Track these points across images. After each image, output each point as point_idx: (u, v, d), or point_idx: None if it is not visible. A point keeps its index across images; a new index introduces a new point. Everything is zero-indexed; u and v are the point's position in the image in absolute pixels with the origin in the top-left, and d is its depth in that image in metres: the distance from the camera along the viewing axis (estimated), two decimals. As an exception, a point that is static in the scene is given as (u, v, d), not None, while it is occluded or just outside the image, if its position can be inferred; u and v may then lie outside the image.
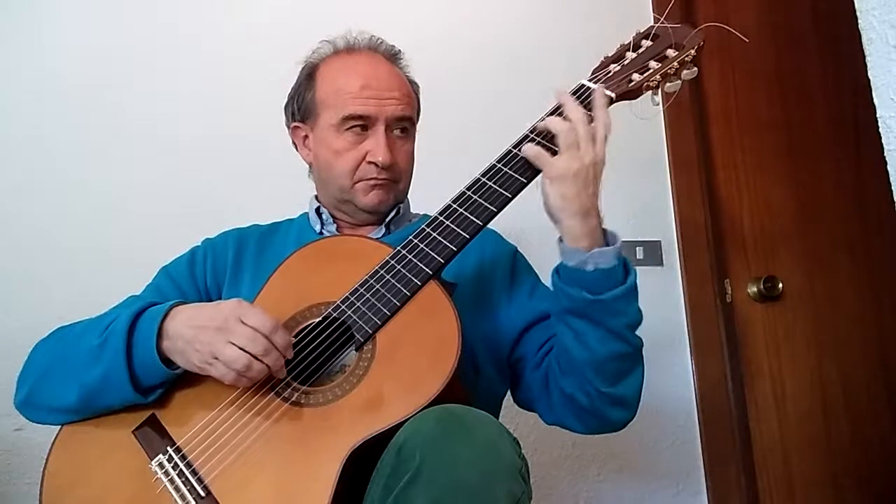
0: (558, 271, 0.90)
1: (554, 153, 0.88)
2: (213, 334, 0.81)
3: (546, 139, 0.91)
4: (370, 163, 1.04)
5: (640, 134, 1.78)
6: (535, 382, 0.99)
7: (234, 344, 0.80)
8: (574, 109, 0.90)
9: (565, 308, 0.89)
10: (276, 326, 0.82)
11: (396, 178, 1.08)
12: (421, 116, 1.16)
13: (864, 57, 0.93)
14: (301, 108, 1.11)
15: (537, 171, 0.90)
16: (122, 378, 0.84)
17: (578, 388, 0.91)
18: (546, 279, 1.10)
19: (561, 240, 0.90)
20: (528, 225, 1.26)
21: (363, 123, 1.05)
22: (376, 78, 1.06)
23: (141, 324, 0.86)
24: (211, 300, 1.06)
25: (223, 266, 1.09)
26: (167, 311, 0.86)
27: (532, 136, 0.93)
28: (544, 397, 0.98)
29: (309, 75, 1.11)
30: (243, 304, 0.84)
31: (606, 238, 0.89)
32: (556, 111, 0.93)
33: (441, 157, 1.40)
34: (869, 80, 0.92)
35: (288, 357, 0.84)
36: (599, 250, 0.86)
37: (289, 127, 1.15)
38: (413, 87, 1.13)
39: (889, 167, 0.89)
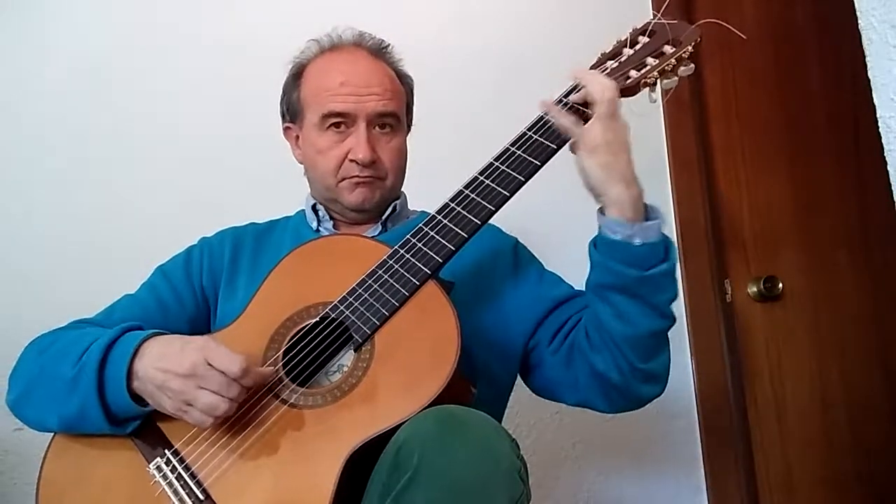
0: (596, 245, 0.90)
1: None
2: (182, 382, 0.79)
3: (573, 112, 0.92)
4: (352, 161, 1.03)
5: (639, 134, 1.76)
6: (555, 366, 0.98)
7: (207, 389, 0.78)
8: (603, 78, 0.92)
9: (607, 284, 0.89)
10: (244, 369, 0.78)
11: (381, 175, 1.06)
12: (422, 116, 1.15)
13: (864, 57, 0.93)
14: (290, 109, 1.11)
15: (535, 169, 0.90)
16: (97, 414, 0.83)
17: (612, 365, 0.90)
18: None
19: (602, 213, 0.90)
20: (529, 223, 1.26)
21: (344, 121, 1.04)
22: (356, 73, 1.04)
23: (111, 360, 0.84)
24: (207, 300, 1.07)
25: (220, 266, 1.08)
26: (136, 349, 0.84)
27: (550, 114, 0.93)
28: (568, 378, 0.97)
29: (295, 75, 1.11)
30: (209, 347, 0.80)
31: (647, 212, 0.90)
32: (574, 90, 0.94)
33: (441, 156, 1.40)
34: (869, 81, 0.92)
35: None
36: (647, 223, 0.87)
37: (283, 128, 1.15)
38: (403, 80, 1.12)
39: (889, 167, 0.89)
